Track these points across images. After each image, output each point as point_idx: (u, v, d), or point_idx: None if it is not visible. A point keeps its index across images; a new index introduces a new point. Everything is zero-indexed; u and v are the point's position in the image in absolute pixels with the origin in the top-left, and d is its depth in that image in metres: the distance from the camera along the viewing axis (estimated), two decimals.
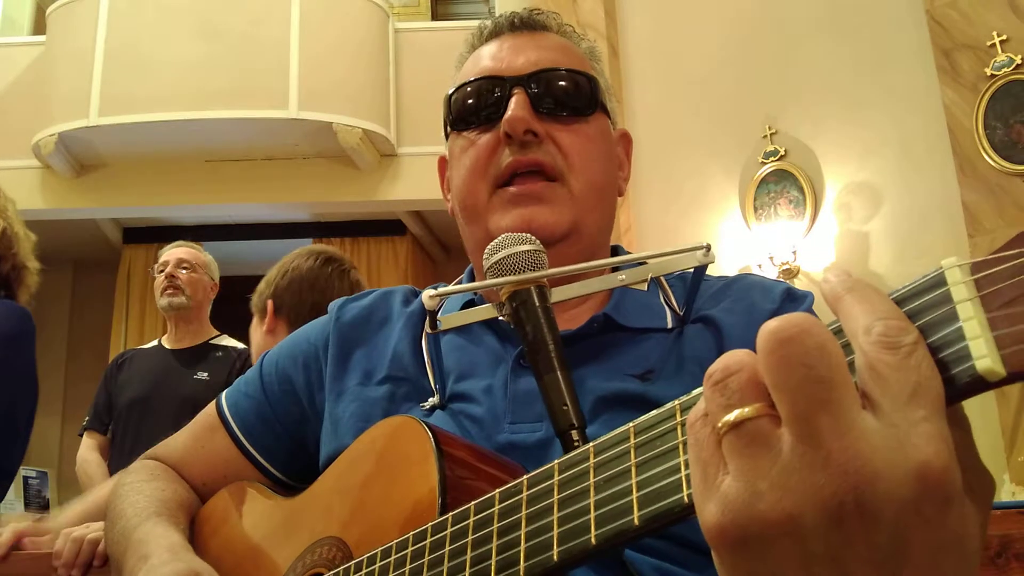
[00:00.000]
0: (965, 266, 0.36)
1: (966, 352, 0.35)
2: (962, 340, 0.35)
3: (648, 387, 0.81)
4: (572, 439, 0.66)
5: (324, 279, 2.16)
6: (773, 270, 3.97)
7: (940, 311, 0.36)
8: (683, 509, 0.42)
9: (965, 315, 0.35)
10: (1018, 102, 3.39)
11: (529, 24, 0.98)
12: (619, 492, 0.46)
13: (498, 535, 0.53)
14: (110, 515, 0.97)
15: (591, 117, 0.93)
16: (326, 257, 2.22)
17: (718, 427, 0.38)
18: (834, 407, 0.35)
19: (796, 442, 0.36)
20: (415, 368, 0.90)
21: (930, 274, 0.37)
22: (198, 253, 3.18)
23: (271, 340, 2.02)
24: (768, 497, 0.36)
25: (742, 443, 0.37)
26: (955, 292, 0.36)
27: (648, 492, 0.44)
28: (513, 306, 0.73)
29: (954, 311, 0.36)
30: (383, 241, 6.74)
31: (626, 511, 0.45)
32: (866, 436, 0.35)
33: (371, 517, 0.71)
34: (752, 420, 0.37)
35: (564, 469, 0.51)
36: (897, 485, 0.34)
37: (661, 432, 0.45)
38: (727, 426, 0.38)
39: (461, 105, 0.94)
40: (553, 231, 0.87)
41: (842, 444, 0.35)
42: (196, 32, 5.66)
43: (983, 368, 0.34)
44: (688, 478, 0.42)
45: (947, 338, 0.36)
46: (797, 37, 4.14)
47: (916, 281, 0.38)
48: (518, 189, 0.88)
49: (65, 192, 6.02)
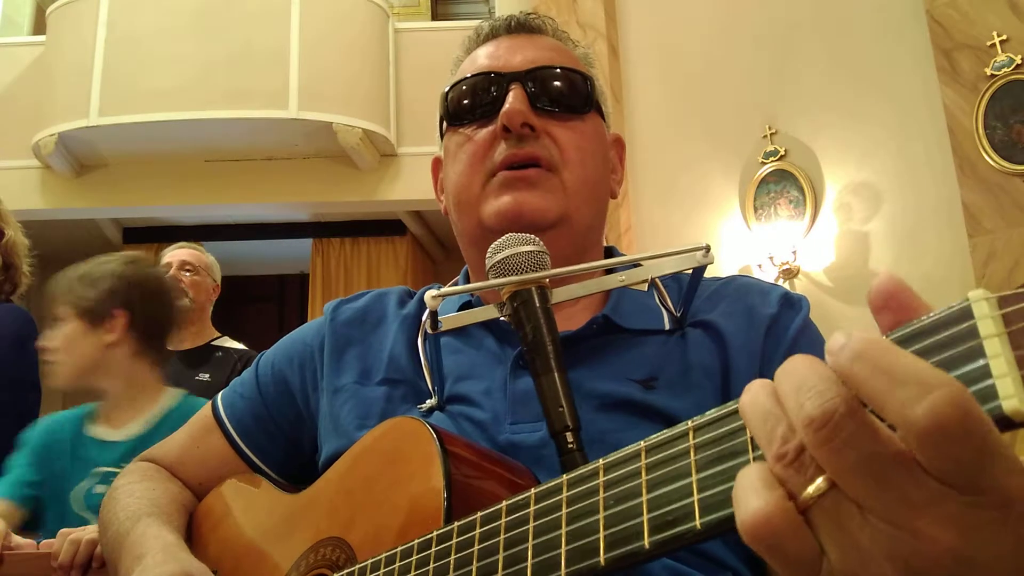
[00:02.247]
0: (992, 300, 0.35)
1: (992, 391, 0.34)
2: (988, 378, 0.34)
3: (653, 396, 0.81)
4: (567, 441, 0.66)
5: (171, 290, 2.01)
6: (773, 270, 3.97)
7: (965, 346, 0.35)
8: (694, 535, 0.41)
9: (992, 352, 0.34)
10: (1018, 102, 3.39)
11: (525, 27, 0.99)
12: (629, 512, 0.45)
13: (504, 547, 0.52)
14: (104, 519, 0.97)
15: (586, 116, 0.94)
16: (149, 262, 2.02)
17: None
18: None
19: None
20: (412, 370, 0.90)
21: (955, 306, 0.36)
22: (200, 255, 3.18)
23: (111, 353, 1.85)
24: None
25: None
26: (982, 327, 0.34)
27: (659, 515, 0.43)
28: (514, 306, 0.73)
29: (981, 347, 0.34)
30: (383, 241, 6.74)
31: (636, 534, 0.44)
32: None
33: (375, 518, 0.71)
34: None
35: (573, 485, 0.50)
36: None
37: (674, 453, 0.44)
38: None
39: (458, 101, 0.94)
40: (544, 216, 0.87)
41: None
42: (196, 32, 5.65)
43: (1010, 409, 0.33)
44: (700, 503, 0.42)
45: (972, 375, 0.34)
46: (797, 37, 4.14)
47: (941, 312, 0.36)
48: (511, 173, 0.88)
49: (65, 192, 6.02)
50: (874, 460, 0.35)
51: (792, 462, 0.37)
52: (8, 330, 2.03)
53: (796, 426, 0.37)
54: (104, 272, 1.90)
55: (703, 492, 0.42)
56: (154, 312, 1.91)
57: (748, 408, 0.40)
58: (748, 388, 0.41)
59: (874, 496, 0.35)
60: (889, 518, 0.35)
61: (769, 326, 0.85)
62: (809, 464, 0.37)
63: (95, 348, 1.85)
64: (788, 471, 0.37)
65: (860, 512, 0.36)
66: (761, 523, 0.37)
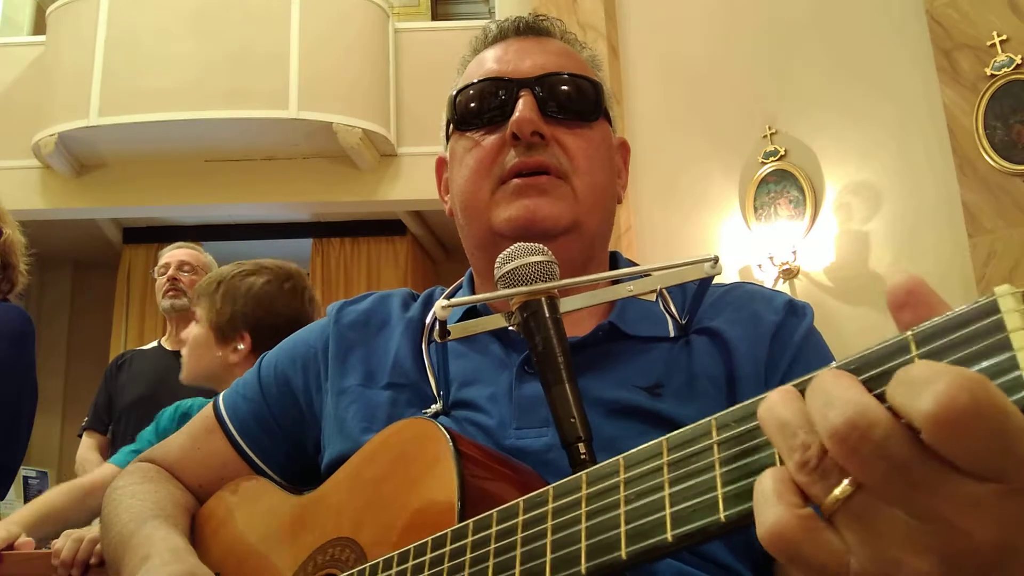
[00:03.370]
0: (1019, 294, 0.35)
1: (1019, 382, 0.34)
2: (1015, 369, 0.34)
3: (660, 403, 0.81)
4: (579, 452, 0.66)
5: (302, 315, 1.94)
6: (773, 270, 3.97)
7: (991, 339, 0.35)
8: (719, 528, 0.42)
9: (1019, 344, 0.34)
10: (1018, 102, 3.39)
11: (534, 29, 0.99)
12: (652, 507, 0.45)
13: (522, 544, 0.52)
14: (105, 520, 0.97)
15: (595, 123, 0.94)
16: (287, 274, 1.99)
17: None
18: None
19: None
20: (417, 375, 0.90)
21: (981, 301, 0.36)
22: (199, 255, 3.18)
23: (230, 370, 1.83)
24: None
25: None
26: (1008, 320, 0.35)
27: (682, 508, 0.44)
28: (524, 316, 0.73)
29: (1007, 340, 0.35)
30: (383, 241, 6.74)
31: (659, 527, 0.44)
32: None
33: (385, 519, 0.71)
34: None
35: (592, 482, 0.50)
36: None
37: (697, 449, 0.45)
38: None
39: (466, 106, 0.94)
40: (556, 222, 0.87)
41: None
42: (196, 32, 5.65)
43: None
44: (724, 497, 0.42)
45: (998, 368, 0.35)
46: (797, 37, 4.14)
47: (967, 308, 0.37)
48: (523, 181, 0.88)
49: (65, 192, 6.01)
50: (901, 464, 0.35)
51: (815, 468, 0.37)
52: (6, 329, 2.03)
53: (821, 437, 0.37)
54: (245, 290, 1.90)
55: (727, 486, 0.42)
56: (278, 335, 1.90)
57: (766, 417, 0.40)
58: (766, 398, 0.41)
59: (903, 496, 0.35)
60: (920, 515, 0.35)
61: (774, 333, 0.86)
62: (832, 468, 0.37)
63: (217, 363, 1.88)
64: (812, 476, 0.38)
65: (890, 510, 0.36)
66: (776, 536, 0.38)
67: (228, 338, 1.88)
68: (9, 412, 2.02)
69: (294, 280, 1.97)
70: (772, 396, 0.41)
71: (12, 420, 2.02)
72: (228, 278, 1.93)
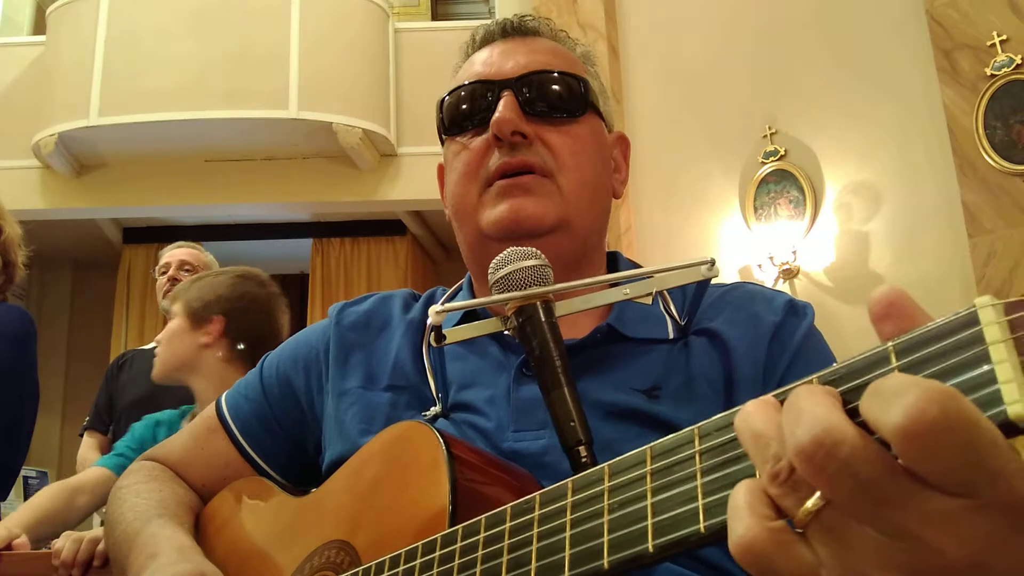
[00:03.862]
0: (999, 306, 0.35)
1: (997, 396, 0.33)
2: (993, 383, 0.33)
3: (657, 406, 0.81)
4: (580, 455, 0.66)
5: (277, 310, 2.12)
6: (773, 270, 3.97)
7: (971, 351, 0.35)
8: (699, 539, 0.41)
9: (998, 357, 0.34)
10: (1018, 102, 3.39)
11: (520, 30, 0.98)
12: (634, 517, 0.45)
13: (508, 551, 0.53)
14: (110, 519, 0.97)
15: (581, 118, 0.93)
16: (253, 272, 2.16)
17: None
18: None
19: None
20: (416, 377, 0.90)
21: (961, 313, 0.36)
22: (200, 254, 3.18)
23: (202, 353, 1.99)
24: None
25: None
26: (988, 332, 0.34)
27: (664, 519, 0.43)
28: (519, 321, 0.73)
29: (986, 352, 0.34)
30: (383, 241, 6.74)
31: (641, 537, 0.44)
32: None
33: (380, 522, 0.71)
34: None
35: (578, 489, 0.50)
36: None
37: (679, 458, 0.44)
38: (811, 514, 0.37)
39: (453, 111, 0.94)
40: (541, 221, 0.87)
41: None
42: (196, 32, 5.65)
43: (1015, 414, 0.33)
44: (705, 507, 0.42)
45: (976, 381, 0.34)
46: (797, 37, 4.13)
47: (945, 320, 0.36)
48: (507, 181, 0.88)
49: (65, 192, 6.02)
50: (868, 482, 0.34)
51: (786, 481, 0.37)
52: (8, 330, 2.04)
53: (787, 454, 0.36)
54: (219, 281, 2.07)
55: (708, 497, 0.42)
56: (251, 322, 2.03)
57: (741, 427, 0.40)
58: (742, 409, 0.41)
59: (871, 513, 0.35)
60: (889, 532, 0.35)
61: (773, 334, 0.85)
62: (803, 481, 0.37)
63: (190, 347, 1.99)
64: (783, 489, 0.37)
65: (860, 525, 0.35)
66: (745, 548, 0.37)
67: (203, 321, 2.01)
68: (11, 413, 2.03)
69: (260, 276, 2.15)
70: (748, 406, 0.40)
71: (14, 421, 2.03)
72: (202, 277, 2.13)
